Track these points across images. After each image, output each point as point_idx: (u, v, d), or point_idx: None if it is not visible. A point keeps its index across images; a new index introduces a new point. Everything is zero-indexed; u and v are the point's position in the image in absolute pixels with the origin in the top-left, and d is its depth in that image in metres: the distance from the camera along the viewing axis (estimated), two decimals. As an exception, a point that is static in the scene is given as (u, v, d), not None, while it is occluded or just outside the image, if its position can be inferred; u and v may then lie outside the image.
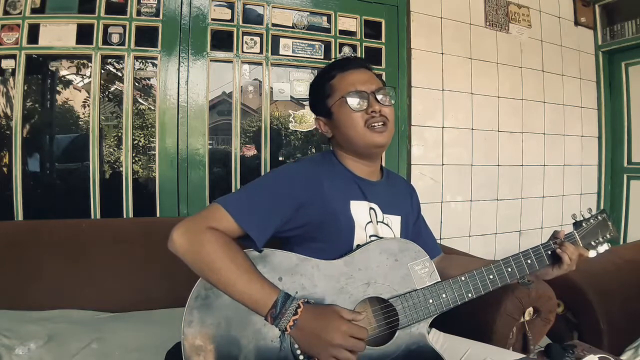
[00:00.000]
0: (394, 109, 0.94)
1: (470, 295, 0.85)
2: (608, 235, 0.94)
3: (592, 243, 0.92)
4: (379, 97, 0.91)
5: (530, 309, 1.13)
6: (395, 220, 0.97)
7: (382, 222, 0.94)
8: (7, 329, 1.18)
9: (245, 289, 0.75)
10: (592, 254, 0.92)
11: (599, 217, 0.94)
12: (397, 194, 1.03)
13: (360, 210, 0.91)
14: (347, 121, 0.90)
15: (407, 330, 0.83)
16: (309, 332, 0.74)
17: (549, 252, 0.89)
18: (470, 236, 2.33)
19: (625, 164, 2.76)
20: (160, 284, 1.44)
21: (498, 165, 2.41)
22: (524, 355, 0.86)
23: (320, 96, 0.96)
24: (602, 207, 2.79)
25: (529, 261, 0.88)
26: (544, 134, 2.58)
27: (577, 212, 0.96)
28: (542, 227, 2.57)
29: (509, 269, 0.87)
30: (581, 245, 0.91)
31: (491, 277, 0.86)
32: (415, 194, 1.12)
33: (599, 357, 0.77)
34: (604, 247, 0.93)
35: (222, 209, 0.80)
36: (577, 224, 0.93)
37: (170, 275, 1.38)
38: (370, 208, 0.93)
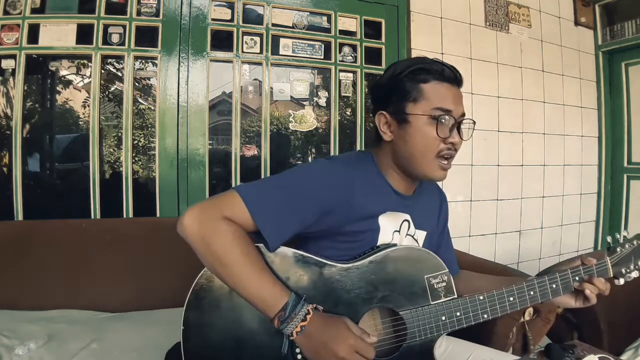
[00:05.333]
0: None
1: (485, 316, 0.80)
2: None
3: (623, 271, 0.85)
4: (463, 128, 0.82)
5: (530, 309, 1.13)
6: (421, 236, 0.93)
7: (412, 235, 0.90)
8: (7, 329, 1.18)
9: (255, 288, 0.70)
10: (620, 282, 0.85)
11: (635, 243, 0.87)
12: (427, 208, 0.97)
13: (391, 220, 0.84)
14: (423, 142, 0.80)
15: (414, 345, 0.79)
16: (315, 340, 0.71)
17: (577, 279, 0.83)
18: (470, 236, 2.33)
19: (625, 164, 2.75)
20: (160, 284, 1.44)
21: (498, 165, 2.41)
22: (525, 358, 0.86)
23: (400, 94, 0.82)
24: (602, 207, 2.79)
25: (554, 286, 0.82)
26: (544, 134, 2.58)
27: (612, 235, 0.89)
28: (542, 227, 2.56)
29: (532, 292, 0.81)
30: (612, 274, 0.84)
31: (511, 299, 0.81)
32: (446, 203, 1.05)
33: (599, 357, 0.76)
34: (634, 275, 0.86)
35: (239, 198, 0.72)
36: (611, 250, 0.86)
37: (170, 276, 1.38)
38: (405, 220, 0.87)
